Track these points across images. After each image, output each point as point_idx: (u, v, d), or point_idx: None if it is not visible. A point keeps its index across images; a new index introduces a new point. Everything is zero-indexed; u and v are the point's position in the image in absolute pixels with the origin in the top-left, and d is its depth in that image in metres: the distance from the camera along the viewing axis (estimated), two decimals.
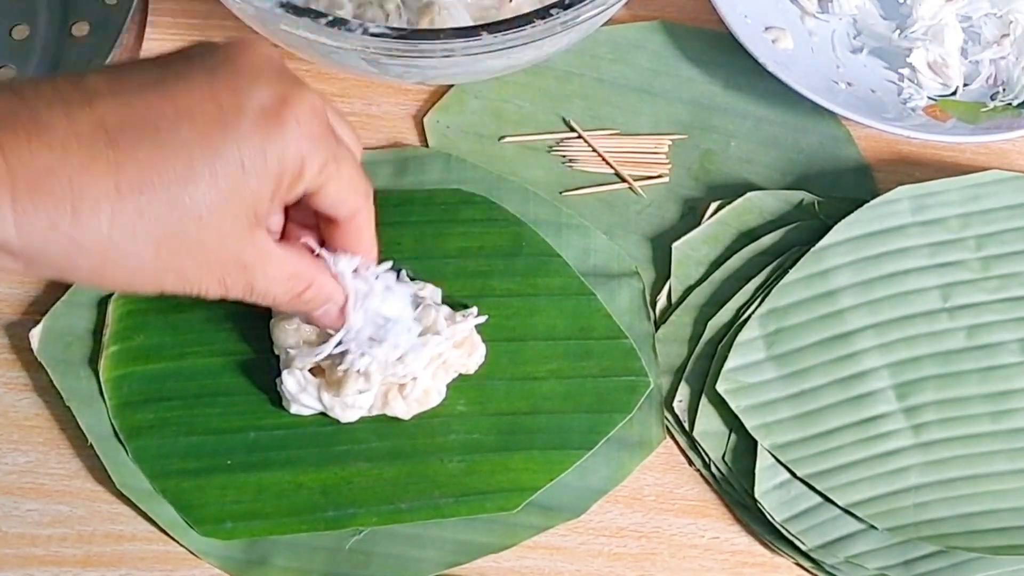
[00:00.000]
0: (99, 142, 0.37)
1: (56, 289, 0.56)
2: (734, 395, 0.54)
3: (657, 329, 0.57)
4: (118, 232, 0.38)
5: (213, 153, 0.39)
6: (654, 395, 0.55)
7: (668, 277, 0.58)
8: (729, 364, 0.55)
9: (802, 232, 0.58)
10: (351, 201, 0.45)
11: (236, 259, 0.42)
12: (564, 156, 0.61)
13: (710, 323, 0.56)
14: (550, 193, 0.60)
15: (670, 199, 0.61)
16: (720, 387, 0.54)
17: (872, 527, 0.52)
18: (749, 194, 0.60)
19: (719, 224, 0.59)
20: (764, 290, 0.57)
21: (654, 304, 0.58)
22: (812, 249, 0.57)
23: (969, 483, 0.53)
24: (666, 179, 0.61)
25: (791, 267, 0.56)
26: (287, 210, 0.47)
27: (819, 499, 0.53)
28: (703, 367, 0.56)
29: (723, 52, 0.63)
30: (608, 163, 0.61)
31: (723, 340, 0.56)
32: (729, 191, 0.60)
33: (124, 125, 0.38)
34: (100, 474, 0.53)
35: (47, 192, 0.36)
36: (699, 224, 0.59)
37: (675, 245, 0.59)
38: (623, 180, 0.61)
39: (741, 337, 0.55)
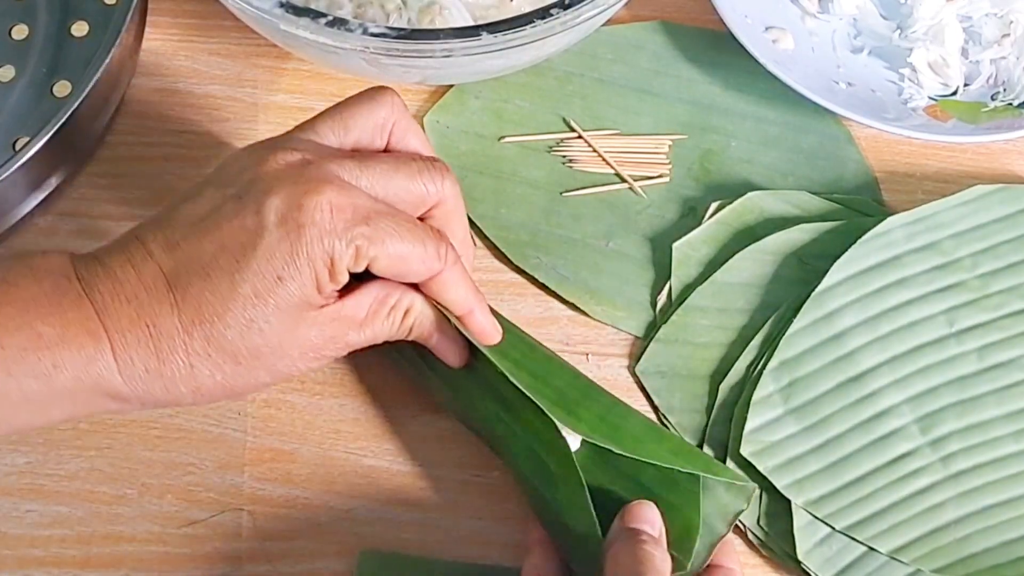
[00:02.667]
0: (161, 287, 0.43)
1: None
2: (759, 456, 0.53)
3: (658, 329, 0.57)
4: (196, 360, 0.43)
5: (250, 276, 0.43)
6: None
7: (668, 277, 0.58)
8: (749, 425, 0.54)
9: (802, 233, 0.58)
10: (410, 271, 0.46)
11: (313, 342, 0.45)
12: (564, 156, 0.61)
13: (721, 386, 0.55)
14: (550, 193, 0.60)
15: (670, 199, 0.61)
16: (745, 451, 0.53)
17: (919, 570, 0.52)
18: (749, 194, 0.60)
19: (719, 224, 0.59)
20: (768, 344, 0.56)
21: (654, 304, 0.58)
22: (813, 293, 0.56)
23: (1005, 508, 0.53)
24: (666, 179, 0.61)
25: (793, 316, 0.56)
26: None
27: (863, 549, 0.52)
28: (722, 433, 0.55)
29: (723, 52, 0.63)
30: (608, 163, 0.61)
31: (738, 401, 0.55)
32: (729, 191, 0.60)
33: (177, 267, 0.43)
34: (100, 474, 0.53)
35: (135, 341, 0.43)
36: (699, 224, 0.59)
37: (675, 245, 0.59)
38: (623, 180, 0.61)
39: (757, 395, 0.54)
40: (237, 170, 0.45)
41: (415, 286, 0.48)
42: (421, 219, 0.47)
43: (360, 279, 0.46)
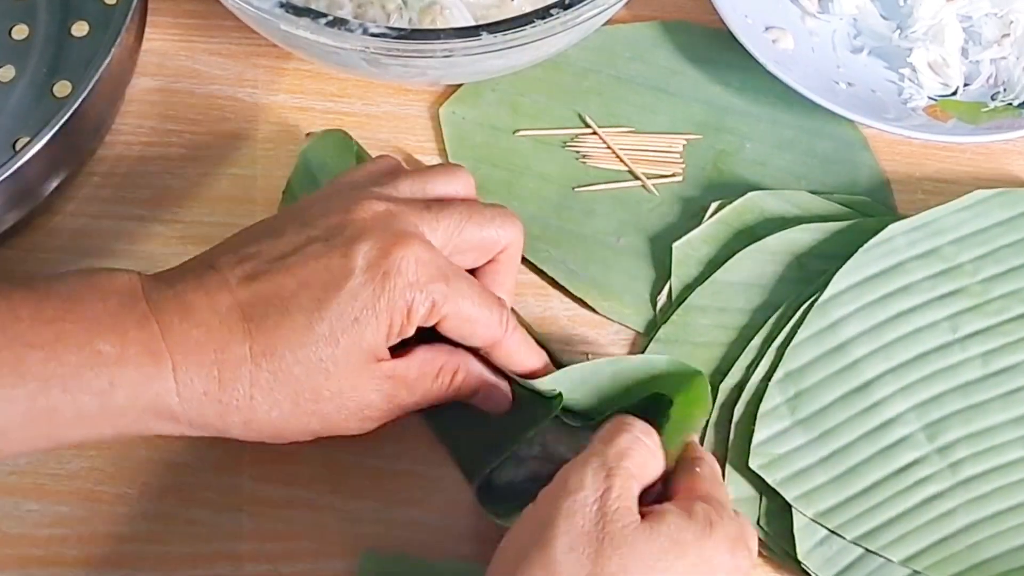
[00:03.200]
0: (235, 317, 0.44)
1: None
2: (768, 469, 0.53)
3: (658, 329, 0.57)
4: (258, 392, 0.44)
5: (329, 315, 0.44)
6: None
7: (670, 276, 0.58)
8: (757, 437, 0.53)
9: (803, 233, 0.58)
10: (474, 334, 0.48)
11: (369, 397, 0.46)
12: (578, 152, 0.62)
13: (721, 386, 0.55)
14: (563, 188, 0.60)
15: (682, 199, 0.60)
16: (753, 463, 0.53)
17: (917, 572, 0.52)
18: (750, 194, 0.60)
19: (720, 224, 0.59)
20: (768, 344, 0.56)
21: (655, 303, 0.58)
22: (816, 303, 0.56)
23: (1014, 513, 0.53)
24: (679, 178, 0.61)
25: (798, 325, 0.55)
26: None
27: (862, 549, 0.52)
28: (722, 434, 0.54)
29: (740, 53, 0.62)
30: (622, 160, 0.61)
31: (737, 401, 0.55)
32: (741, 193, 0.60)
33: (254, 300, 0.44)
34: (100, 474, 0.53)
35: (197, 364, 0.43)
36: (700, 224, 0.59)
37: (675, 245, 0.59)
38: (636, 178, 0.61)
39: (763, 407, 0.54)
40: (321, 213, 0.47)
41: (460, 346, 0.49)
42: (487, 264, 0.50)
43: (407, 344, 0.47)
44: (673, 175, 0.61)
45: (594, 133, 0.62)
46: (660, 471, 0.46)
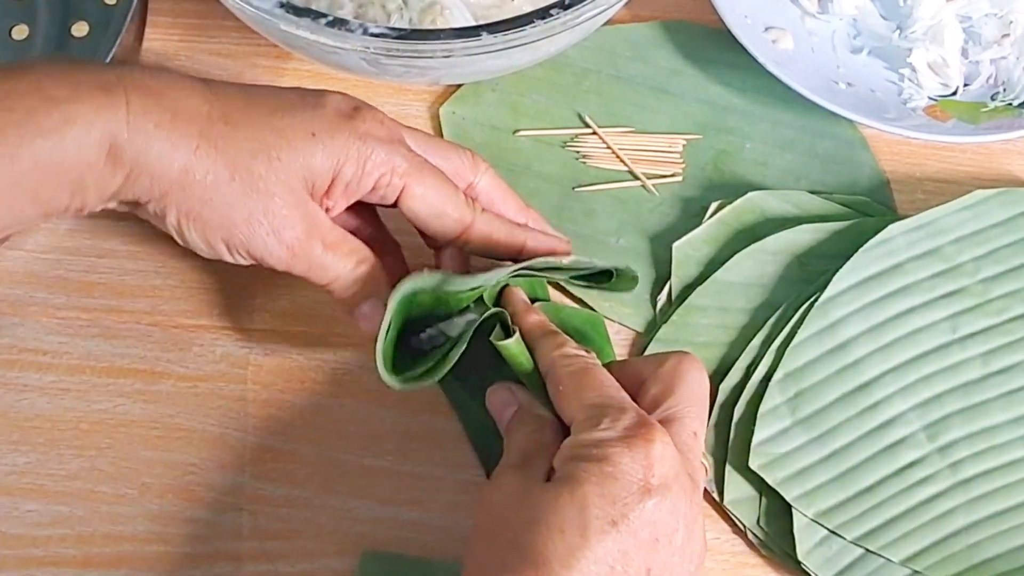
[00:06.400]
0: (199, 85, 0.47)
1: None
2: (768, 469, 0.53)
3: (658, 329, 0.57)
4: (204, 145, 0.45)
5: (291, 116, 0.47)
6: None
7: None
8: (757, 437, 0.53)
9: (803, 233, 0.58)
10: (444, 215, 0.50)
11: (291, 219, 0.47)
12: (578, 152, 0.62)
13: (721, 386, 0.55)
14: (563, 188, 0.60)
15: (682, 199, 0.61)
16: (754, 463, 0.53)
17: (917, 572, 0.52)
18: (750, 194, 0.60)
19: (719, 224, 0.59)
20: (768, 344, 0.56)
21: (655, 303, 0.58)
22: (816, 303, 0.56)
23: (1014, 514, 0.53)
24: (679, 178, 0.61)
25: (798, 326, 0.56)
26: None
27: (862, 549, 0.52)
28: (722, 434, 0.54)
29: (741, 54, 0.62)
30: (622, 160, 0.61)
31: (737, 402, 0.55)
32: (742, 193, 0.60)
33: (223, 84, 0.48)
34: (100, 474, 0.53)
35: (155, 101, 0.45)
36: (700, 224, 0.59)
37: (675, 245, 0.59)
38: (636, 178, 0.61)
39: (764, 407, 0.54)
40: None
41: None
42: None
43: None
44: (673, 175, 0.61)
45: (594, 133, 0.62)
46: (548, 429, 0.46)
